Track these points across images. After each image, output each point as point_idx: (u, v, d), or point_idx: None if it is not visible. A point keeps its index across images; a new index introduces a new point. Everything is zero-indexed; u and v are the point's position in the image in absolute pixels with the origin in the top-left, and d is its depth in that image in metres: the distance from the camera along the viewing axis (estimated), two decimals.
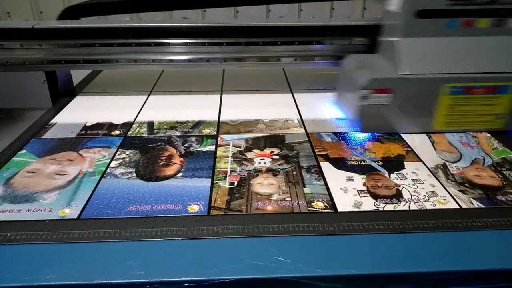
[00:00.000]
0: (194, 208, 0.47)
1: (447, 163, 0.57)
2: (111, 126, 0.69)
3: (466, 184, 0.52)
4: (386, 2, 0.67)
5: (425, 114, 0.64)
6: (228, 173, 0.55)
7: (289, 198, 0.49)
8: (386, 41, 0.69)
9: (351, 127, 0.68)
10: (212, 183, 0.52)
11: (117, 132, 0.67)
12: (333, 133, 0.66)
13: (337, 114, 0.73)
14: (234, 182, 0.52)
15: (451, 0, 0.61)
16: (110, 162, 0.57)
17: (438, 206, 0.47)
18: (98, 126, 0.70)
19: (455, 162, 0.57)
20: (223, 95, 0.84)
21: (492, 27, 0.63)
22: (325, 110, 0.76)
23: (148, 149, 0.61)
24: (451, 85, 0.61)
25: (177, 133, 0.67)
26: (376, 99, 0.62)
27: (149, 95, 0.84)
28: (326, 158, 0.58)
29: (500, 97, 0.62)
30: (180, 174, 0.54)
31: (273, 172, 0.55)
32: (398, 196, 0.49)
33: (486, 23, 0.63)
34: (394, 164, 0.57)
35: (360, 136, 0.65)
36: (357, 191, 0.50)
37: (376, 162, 0.57)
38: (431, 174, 0.54)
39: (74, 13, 0.87)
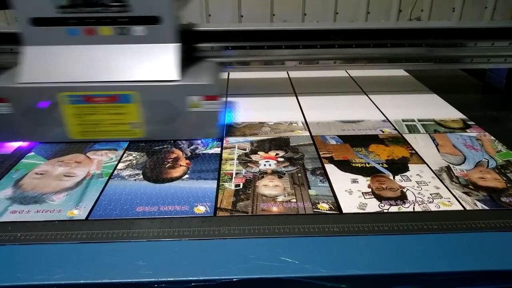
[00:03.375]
0: (200, 209, 0.48)
1: (451, 165, 0.57)
2: None
3: (470, 186, 0.52)
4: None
5: (53, 123, 0.62)
6: (234, 175, 0.55)
7: (294, 200, 0.49)
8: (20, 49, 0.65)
9: None
10: (218, 185, 0.53)
11: None
12: (338, 136, 0.67)
13: None
14: (239, 184, 0.53)
15: (61, 8, 0.58)
16: (117, 164, 0.58)
17: (443, 208, 0.48)
18: None
19: (459, 164, 0.58)
20: (228, 98, 0.85)
21: (117, 36, 0.61)
22: (329, 113, 0.76)
23: (154, 152, 0.62)
24: (67, 94, 0.59)
25: None
26: None
27: None
28: (331, 160, 0.59)
29: (125, 106, 0.61)
30: (186, 176, 0.55)
31: (278, 174, 0.55)
32: (402, 198, 0.50)
33: (110, 31, 0.60)
34: (399, 166, 0.57)
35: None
36: (362, 193, 0.51)
37: (381, 165, 0.58)
38: (435, 176, 0.54)
39: None
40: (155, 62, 0.61)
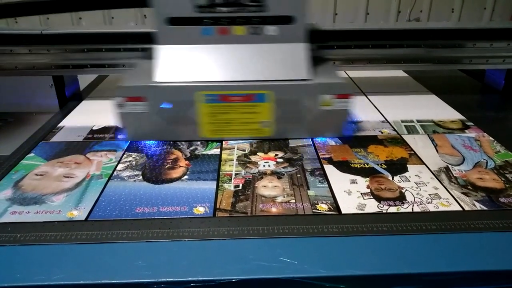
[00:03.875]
0: (200, 210, 0.48)
1: (450, 166, 0.58)
2: (118, 130, 0.70)
3: (469, 187, 0.52)
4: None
5: (187, 122, 0.63)
6: (233, 176, 0.55)
7: (294, 200, 0.50)
8: (154, 48, 0.66)
9: (121, 135, 0.67)
10: (218, 186, 0.53)
11: (123, 135, 0.68)
12: (337, 136, 0.67)
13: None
14: (239, 185, 0.53)
15: (199, 8, 0.60)
16: (117, 165, 0.58)
17: (441, 208, 0.48)
18: (104, 129, 0.71)
19: (458, 165, 0.58)
20: None
21: (250, 35, 0.62)
22: None
23: (154, 152, 0.62)
24: (205, 93, 0.60)
25: None
26: (132, 107, 0.61)
27: None
28: (330, 161, 0.59)
29: (258, 105, 0.62)
30: (185, 176, 0.55)
31: (278, 175, 0.56)
32: (401, 198, 0.50)
33: (243, 31, 0.62)
34: (397, 167, 0.57)
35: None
36: (361, 193, 0.51)
37: (380, 165, 0.58)
38: (434, 177, 0.55)
39: None
40: (287, 62, 0.62)
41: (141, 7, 0.71)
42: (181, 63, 0.62)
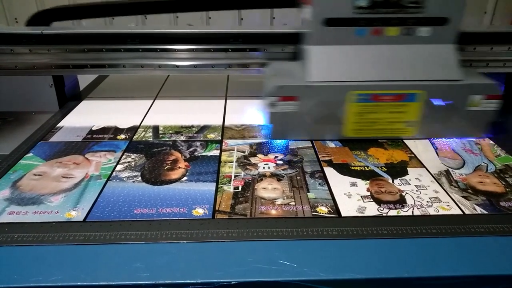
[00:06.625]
0: (199, 211, 0.48)
1: (450, 169, 0.57)
2: (117, 130, 0.70)
3: (469, 191, 0.52)
4: (301, 10, 0.67)
5: (334, 121, 0.64)
6: (233, 178, 0.55)
7: (293, 203, 0.49)
8: (301, 49, 0.68)
9: (265, 134, 0.69)
10: (217, 187, 0.53)
11: (122, 136, 0.68)
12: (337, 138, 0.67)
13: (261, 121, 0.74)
14: (238, 187, 0.53)
15: (358, 9, 0.60)
16: (115, 166, 0.58)
17: (441, 212, 0.48)
18: (104, 130, 0.70)
19: (458, 168, 0.58)
20: (228, 101, 0.85)
21: (402, 36, 0.63)
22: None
23: (153, 153, 0.62)
24: (357, 92, 0.61)
25: (182, 137, 0.67)
26: (283, 106, 0.62)
27: (154, 100, 0.85)
28: (330, 163, 0.59)
29: (408, 105, 0.62)
30: (185, 178, 0.55)
31: (277, 177, 0.55)
32: (401, 201, 0.50)
33: (395, 32, 0.62)
34: (398, 170, 0.57)
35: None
36: (361, 196, 0.51)
37: (380, 168, 0.58)
38: (434, 180, 0.54)
39: (44, 18, 0.84)
40: (438, 62, 0.62)
41: (290, 7, 0.72)
42: (334, 63, 0.63)
